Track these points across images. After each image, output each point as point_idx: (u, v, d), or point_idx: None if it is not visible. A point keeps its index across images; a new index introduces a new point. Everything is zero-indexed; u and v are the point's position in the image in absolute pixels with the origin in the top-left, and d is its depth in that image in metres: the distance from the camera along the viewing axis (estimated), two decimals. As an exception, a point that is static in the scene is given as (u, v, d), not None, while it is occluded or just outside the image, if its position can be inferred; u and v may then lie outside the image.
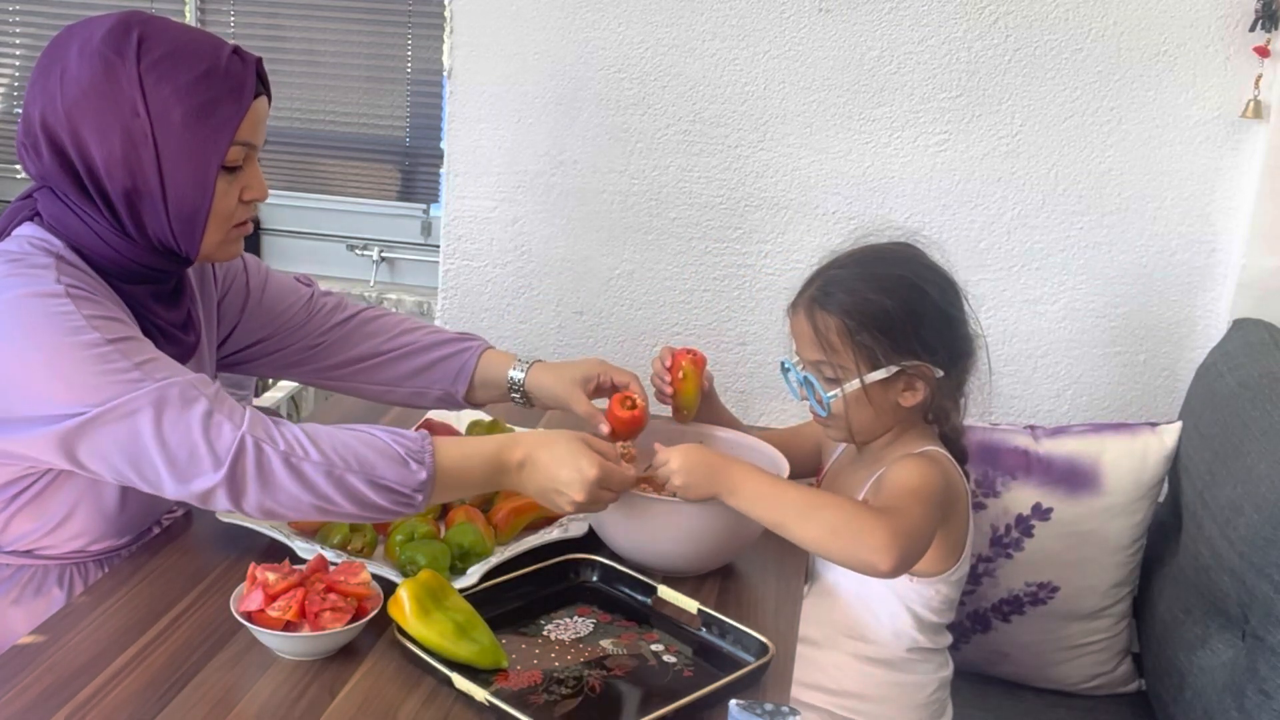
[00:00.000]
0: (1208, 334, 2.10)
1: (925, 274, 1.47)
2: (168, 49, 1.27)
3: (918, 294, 1.44)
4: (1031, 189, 2.13)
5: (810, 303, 1.48)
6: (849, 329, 1.43)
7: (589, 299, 2.34)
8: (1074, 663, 1.94)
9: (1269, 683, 1.44)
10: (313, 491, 1.23)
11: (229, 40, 1.34)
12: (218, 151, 1.28)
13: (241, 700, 1.14)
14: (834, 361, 1.45)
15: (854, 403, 1.45)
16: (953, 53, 2.10)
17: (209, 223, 1.31)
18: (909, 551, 1.32)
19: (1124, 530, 1.88)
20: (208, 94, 1.27)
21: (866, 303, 1.43)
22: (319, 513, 1.25)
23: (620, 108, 2.24)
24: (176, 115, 1.26)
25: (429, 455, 1.27)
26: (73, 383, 1.20)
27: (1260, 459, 1.59)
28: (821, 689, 1.52)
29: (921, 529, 1.36)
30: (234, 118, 1.29)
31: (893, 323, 1.43)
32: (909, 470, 1.42)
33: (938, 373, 1.45)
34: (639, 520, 1.39)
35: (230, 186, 1.32)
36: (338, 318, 1.62)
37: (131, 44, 1.26)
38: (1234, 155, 2.05)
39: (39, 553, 1.38)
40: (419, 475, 1.26)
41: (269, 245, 2.81)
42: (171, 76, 1.26)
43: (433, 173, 2.72)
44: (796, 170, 2.20)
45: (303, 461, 1.23)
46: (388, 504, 1.26)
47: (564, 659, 1.24)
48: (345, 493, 1.23)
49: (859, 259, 1.49)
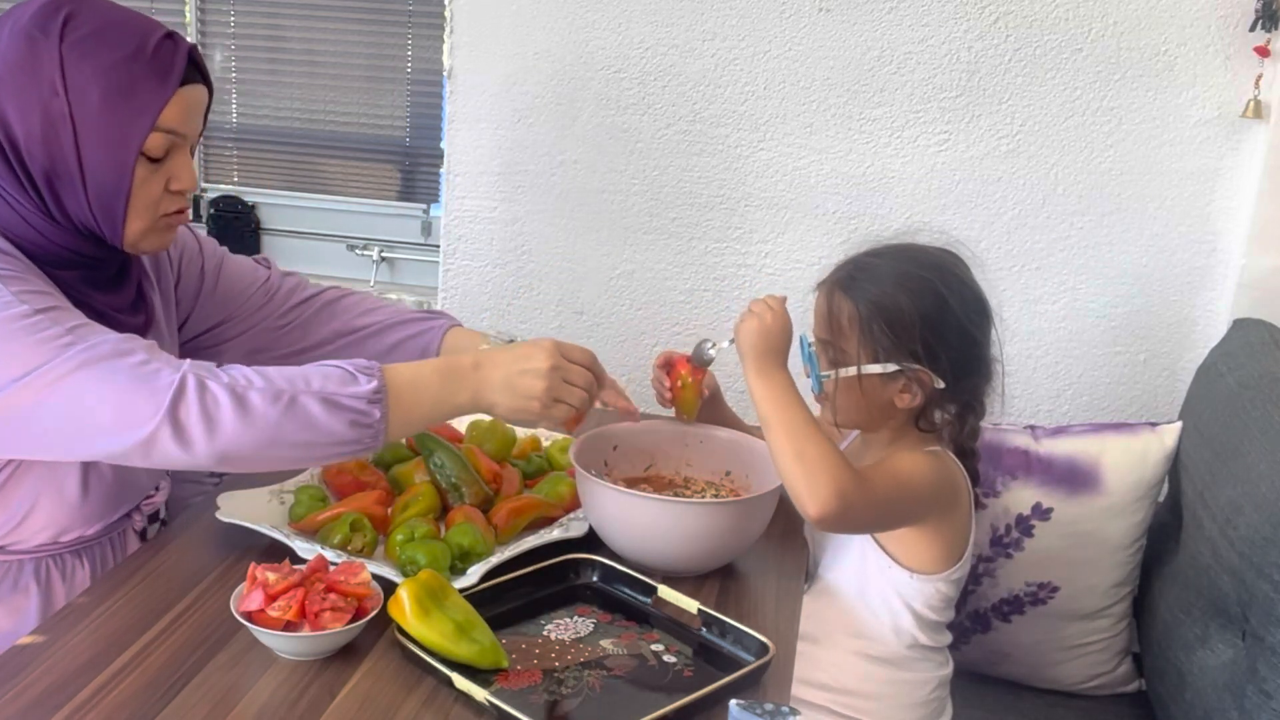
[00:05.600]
0: (1208, 334, 2.10)
1: (953, 285, 1.46)
2: (93, 28, 1.24)
3: (938, 302, 1.44)
4: (1031, 189, 2.13)
5: (834, 284, 1.49)
6: (860, 316, 1.44)
7: (589, 299, 2.34)
8: (1074, 663, 1.94)
9: (1269, 683, 1.44)
10: (263, 422, 1.19)
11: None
12: (136, 136, 1.25)
13: (241, 700, 1.14)
14: (837, 344, 1.46)
15: (844, 388, 1.46)
16: (953, 53, 2.10)
17: (129, 210, 1.28)
18: (846, 516, 1.35)
19: (1124, 530, 1.88)
20: (129, 76, 1.24)
21: (885, 296, 1.44)
22: (273, 450, 1.21)
23: (620, 108, 2.24)
24: (95, 96, 1.23)
25: (377, 368, 1.25)
26: (3, 352, 1.17)
27: (1260, 459, 1.59)
28: (821, 686, 1.52)
29: (879, 504, 1.40)
30: (155, 103, 1.25)
31: (903, 321, 1.43)
32: (905, 458, 1.45)
33: (938, 383, 1.44)
34: (639, 520, 1.39)
35: (153, 175, 1.29)
36: (298, 297, 1.60)
37: (58, 22, 1.23)
38: (1234, 155, 2.05)
39: (10, 548, 1.36)
40: (369, 385, 1.22)
41: (269, 245, 2.81)
42: (93, 56, 1.23)
43: (433, 173, 2.72)
44: (796, 170, 2.20)
45: (248, 390, 1.19)
46: (345, 428, 1.22)
47: (564, 659, 1.24)
48: (298, 420, 1.20)
49: (895, 254, 1.50)
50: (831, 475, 1.33)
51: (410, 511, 1.45)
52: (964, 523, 1.50)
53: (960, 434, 1.50)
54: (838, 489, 1.33)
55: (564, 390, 1.31)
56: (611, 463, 1.57)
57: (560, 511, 1.52)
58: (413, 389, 1.27)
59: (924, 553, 1.47)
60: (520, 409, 1.31)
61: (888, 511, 1.43)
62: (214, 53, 2.75)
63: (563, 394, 1.31)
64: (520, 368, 1.29)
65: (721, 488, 1.58)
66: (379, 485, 1.52)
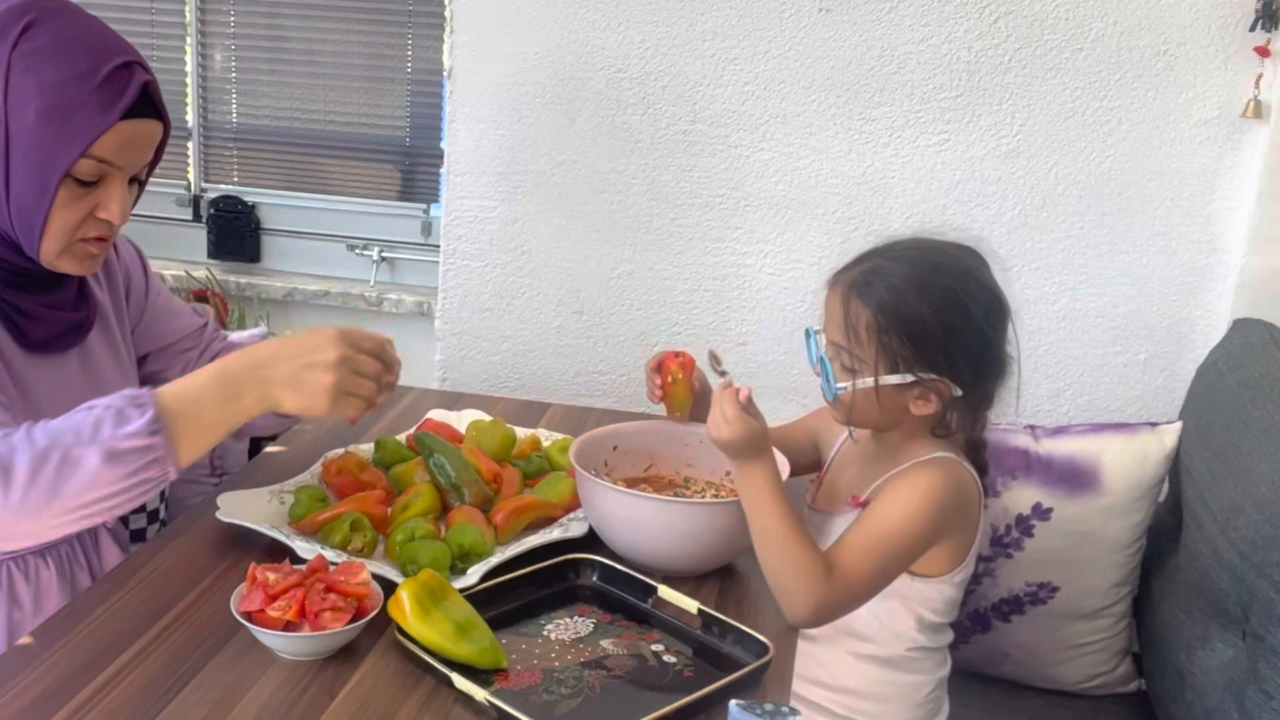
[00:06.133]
0: (1208, 334, 2.10)
1: (975, 291, 1.42)
2: (50, 41, 1.22)
3: (961, 311, 1.39)
4: (1031, 189, 2.13)
5: (850, 286, 1.43)
6: (879, 326, 1.39)
7: (589, 299, 2.34)
8: (1074, 663, 1.94)
9: (1269, 683, 1.43)
10: (38, 491, 1.14)
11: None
12: (64, 159, 1.22)
13: (241, 700, 1.14)
14: (855, 352, 1.42)
15: (862, 398, 1.42)
16: (953, 53, 2.10)
17: (48, 228, 1.26)
18: (826, 619, 1.38)
19: (1124, 530, 1.88)
20: (70, 98, 1.22)
21: (905, 305, 1.39)
22: (54, 518, 1.17)
23: (620, 108, 2.24)
24: (31, 111, 1.21)
25: (148, 395, 1.19)
26: None
27: (1260, 459, 1.59)
28: (820, 684, 1.52)
29: (864, 589, 1.39)
30: (91, 130, 1.22)
31: (925, 334, 1.38)
32: (905, 497, 1.41)
33: (955, 391, 1.41)
34: (639, 520, 1.39)
35: (78, 199, 1.26)
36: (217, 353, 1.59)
37: (16, 28, 1.22)
38: (1234, 155, 2.05)
39: None
40: (143, 418, 1.17)
41: (269, 245, 2.81)
42: (39, 70, 1.21)
43: (433, 173, 2.72)
44: (796, 170, 2.20)
45: (12, 457, 1.15)
46: (129, 472, 1.17)
47: (564, 659, 1.24)
48: (76, 479, 1.14)
49: (913, 256, 1.43)
50: (804, 593, 1.33)
51: (410, 511, 1.45)
52: (971, 527, 1.49)
53: (972, 429, 1.48)
54: (811, 606, 1.33)
55: (353, 383, 1.25)
56: (611, 463, 1.57)
57: (560, 511, 1.52)
58: (193, 405, 1.21)
59: (931, 558, 1.45)
60: (309, 405, 1.25)
61: (879, 582, 1.40)
62: (214, 53, 2.75)
63: (352, 386, 1.25)
64: (306, 360, 1.24)
65: (721, 488, 1.58)
66: (379, 485, 1.52)
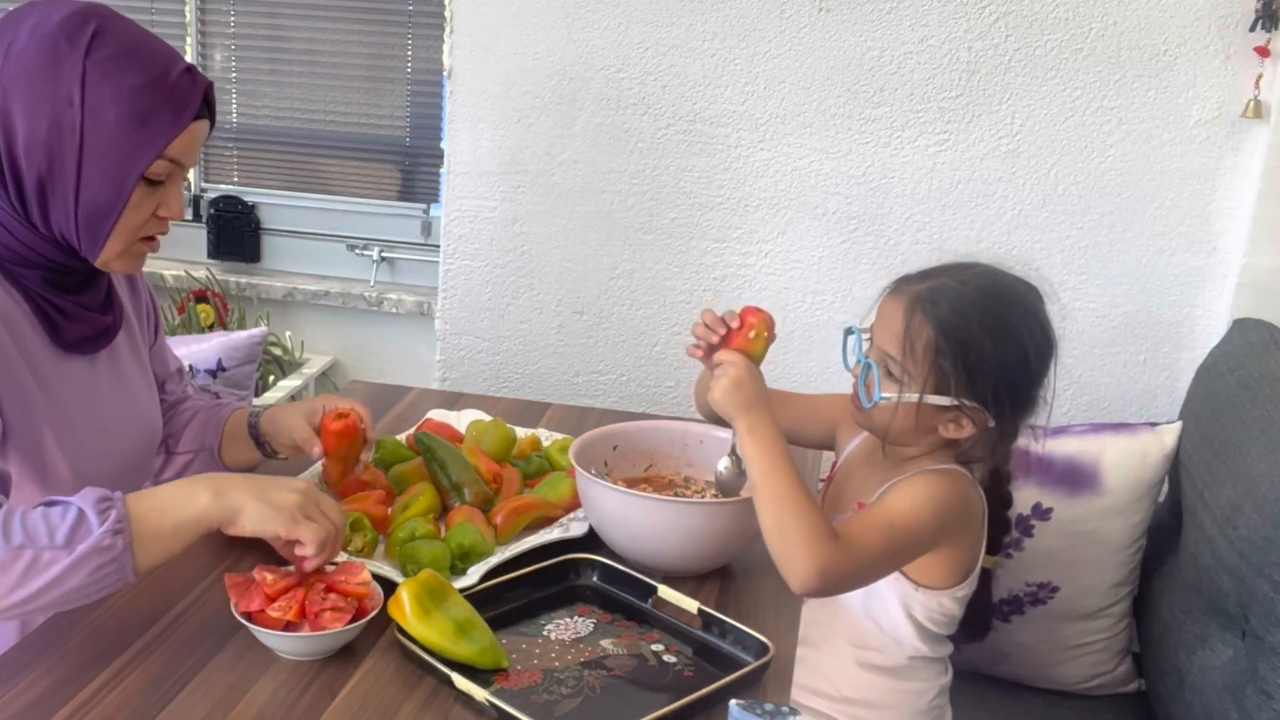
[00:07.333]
0: (1208, 334, 2.10)
1: (1036, 333, 1.42)
2: (120, 49, 1.25)
3: (1018, 350, 1.40)
4: (1031, 189, 2.13)
5: (915, 300, 1.41)
6: (937, 347, 1.38)
7: (589, 299, 2.34)
8: (1074, 663, 1.94)
9: (1269, 683, 1.43)
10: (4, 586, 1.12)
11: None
12: (143, 161, 1.26)
13: (241, 700, 1.14)
14: (906, 366, 1.40)
15: (902, 413, 1.41)
16: (953, 53, 2.10)
17: (115, 229, 1.29)
18: (830, 588, 1.36)
19: (1124, 530, 1.88)
20: (148, 102, 1.25)
21: (969, 334, 1.38)
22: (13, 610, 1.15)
23: (620, 108, 2.24)
24: (111, 116, 1.24)
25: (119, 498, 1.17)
26: None
27: (1260, 459, 1.59)
28: (820, 694, 1.52)
29: (868, 564, 1.37)
30: (169, 132, 1.27)
31: (982, 365, 1.38)
32: (912, 492, 1.40)
33: (990, 422, 1.41)
34: (639, 520, 1.39)
35: (146, 199, 1.30)
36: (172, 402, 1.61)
37: (86, 35, 1.24)
38: (1234, 155, 2.05)
39: None
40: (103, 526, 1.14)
41: (269, 245, 2.81)
42: (116, 77, 1.24)
43: (433, 173, 2.72)
44: (796, 170, 2.20)
45: None
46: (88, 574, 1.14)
47: (564, 659, 1.24)
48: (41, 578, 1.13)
49: (982, 284, 1.43)
50: (811, 553, 1.30)
51: (410, 511, 1.45)
52: (974, 543, 1.48)
53: (991, 457, 1.47)
54: (818, 567, 1.30)
55: (314, 510, 1.24)
56: (611, 463, 1.57)
57: (560, 511, 1.52)
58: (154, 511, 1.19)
59: (932, 568, 1.44)
60: (268, 516, 1.22)
61: (882, 563, 1.39)
62: (214, 53, 2.76)
63: (312, 513, 1.24)
64: (273, 482, 1.24)
65: (721, 488, 1.57)
66: (379, 485, 1.52)
